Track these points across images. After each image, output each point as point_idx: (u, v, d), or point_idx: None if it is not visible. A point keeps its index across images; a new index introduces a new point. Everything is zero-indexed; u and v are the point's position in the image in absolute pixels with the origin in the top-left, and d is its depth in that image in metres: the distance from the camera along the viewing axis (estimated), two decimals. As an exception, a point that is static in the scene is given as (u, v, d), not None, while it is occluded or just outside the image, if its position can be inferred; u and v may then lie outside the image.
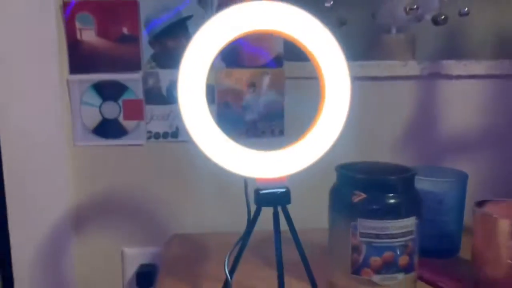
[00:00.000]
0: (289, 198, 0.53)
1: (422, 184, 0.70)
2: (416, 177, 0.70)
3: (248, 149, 0.52)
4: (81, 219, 0.84)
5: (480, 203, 0.65)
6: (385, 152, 0.87)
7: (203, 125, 0.52)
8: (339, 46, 0.52)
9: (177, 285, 0.64)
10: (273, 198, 0.52)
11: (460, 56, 0.89)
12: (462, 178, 0.72)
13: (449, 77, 0.87)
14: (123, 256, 0.85)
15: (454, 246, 0.73)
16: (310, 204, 0.72)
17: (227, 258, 0.53)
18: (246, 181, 0.54)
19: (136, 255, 0.85)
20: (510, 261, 0.60)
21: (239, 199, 0.59)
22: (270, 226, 0.53)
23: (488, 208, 0.63)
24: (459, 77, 0.87)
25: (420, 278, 0.64)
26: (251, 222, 0.54)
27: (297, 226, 0.54)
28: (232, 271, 0.54)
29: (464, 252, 0.71)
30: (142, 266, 0.85)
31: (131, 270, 0.85)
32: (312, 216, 0.71)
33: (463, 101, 0.88)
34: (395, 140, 0.88)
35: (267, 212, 0.54)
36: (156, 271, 0.84)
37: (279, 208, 0.53)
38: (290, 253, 0.55)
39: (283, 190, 0.53)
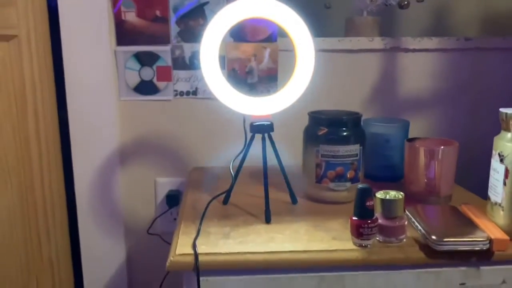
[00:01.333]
0: (272, 128, 0.80)
1: (375, 127, 0.97)
2: (371, 122, 0.97)
3: (247, 96, 0.79)
4: (125, 155, 1.12)
5: (411, 139, 0.91)
6: (353, 107, 1.13)
7: (218, 81, 0.78)
8: (306, 26, 0.78)
9: (196, 201, 0.88)
10: (262, 128, 0.80)
11: (416, 33, 1.14)
12: (405, 124, 0.98)
13: (406, 50, 1.12)
14: (156, 184, 1.13)
15: (398, 173, 0.99)
16: (291, 142, 0.99)
17: (231, 162, 0.80)
18: (244, 117, 0.81)
19: (165, 183, 1.13)
20: (426, 180, 0.87)
21: (241, 141, 0.86)
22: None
23: (415, 143, 0.89)
24: (414, 50, 1.12)
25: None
26: (248, 145, 0.81)
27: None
28: (236, 174, 0.82)
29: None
30: (170, 191, 1.13)
31: (161, 194, 1.14)
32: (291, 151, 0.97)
33: (417, 70, 1.13)
34: (362, 98, 1.13)
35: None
36: (180, 195, 1.13)
37: (266, 135, 0.81)
38: (274, 178, 0.82)
39: (269, 123, 0.80)
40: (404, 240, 0.70)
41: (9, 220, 0.97)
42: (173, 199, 1.12)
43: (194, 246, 0.67)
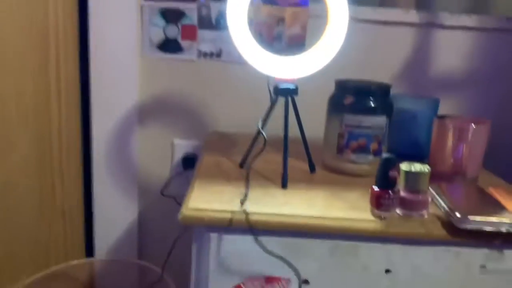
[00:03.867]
0: (297, 91, 0.77)
1: (403, 103, 0.93)
2: (400, 97, 0.93)
3: (273, 55, 0.76)
4: (144, 113, 1.10)
5: (441, 116, 0.87)
6: (381, 80, 1.09)
7: (245, 40, 0.75)
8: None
9: (212, 162, 0.86)
10: (287, 90, 0.77)
11: (455, 9, 1.08)
12: (435, 101, 0.94)
13: (443, 26, 1.06)
14: (173, 145, 1.12)
15: (423, 152, 0.95)
16: (314, 112, 0.96)
17: (260, 120, 0.77)
18: (269, 79, 0.78)
19: (182, 145, 1.12)
20: (453, 160, 0.83)
21: (263, 108, 0.83)
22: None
23: (445, 120, 0.85)
24: (451, 27, 1.06)
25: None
26: (271, 106, 0.79)
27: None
28: (256, 137, 0.80)
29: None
30: (187, 154, 1.12)
31: (178, 156, 1.12)
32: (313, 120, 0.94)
33: (452, 48, 1.08)
34: (392, 73, 1.09)
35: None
36: (197, 158, 1.11)
37: (290, 99, 0.78)
38: (293, 148, 0.79)
39: (294, 86, 0.77)
40: (425, 216, 0.66)
41: (25, 167, 0.98)
42: (189, 161, 1.11)
43: (242, 203, 0.66)
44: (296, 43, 1.07)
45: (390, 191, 0.63)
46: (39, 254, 1.03)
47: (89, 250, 1.14)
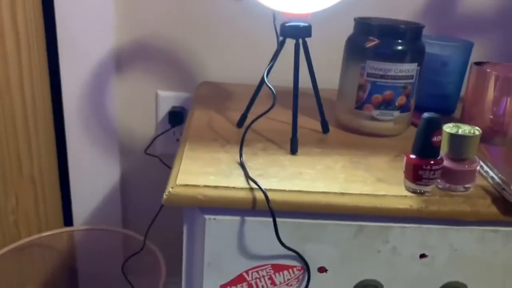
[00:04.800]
0: (310, 32, 0.61)
1: (431, 47, 0.77)
2: (426, 40, 0.77)
3: (279, -15, 0.59)
4: (122, 61, 0.93)
5: (479, 63, 0.73)
6: (405, 18, 0.93)
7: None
8: None
9: (203, 120, 0.71)
10: (296, 31, 0.61)
11: None
12: (468, 46, 0.79)
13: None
14: (157, 98, 0.96)
15: (451, 106, 0.81)
16: (328, 58, 0.81)
17: (265, 71, 0.60)
18: (274, 14, 0.62)
19: (168, 98, 0.96)
20: (492, 116, 0.69)
21: (263, 54, 0.67)
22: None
23: (485, 67, 0.71)
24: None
25: (414, 125, 0.75)
26: (277, 51, 0.63)
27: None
28: (257, 91, 0.65)
29: (459, 114, 0.80)
30: (174, 107, 0.97)
31: (164, 110, 0.97)
32: (327, 69, 0.79)
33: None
34: (416, 9, 0.92)
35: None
36: (185, 112, 0.96)
37: (301, 42, 0.62)
38: (303, 102, 0.64)
39: (306, 24, 0.61)
40: (471, 189, 0.54)
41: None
42: (176, 116, 0.95)
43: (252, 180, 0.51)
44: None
45: (432, 161, 0.50)
46: (4, 228, 0.90)
47: (68, 219, 1.01)
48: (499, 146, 0.68)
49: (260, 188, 0.50)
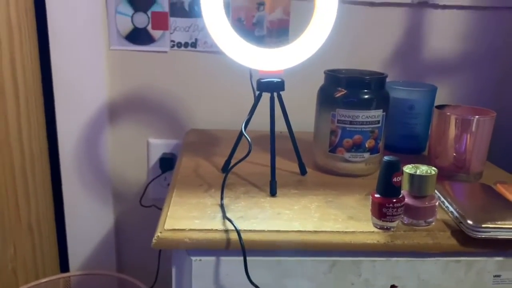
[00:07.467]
0: (283, 86, 0.68)
1: (398, 92, 0.85)
2: (394, 86, 0.85)
3: (255, 46, 0.67)
4: (115, 112, 1.00)
5: (441, 106, 0.80)
6: (373, 69, 1.01)
7: (221, 28, 0.65)
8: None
9: (191, 167, 0.77)
10: (271, 86, 0.68)
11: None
12: (432, 90, 0.86)
13: (436, 6, 0.98)
14: (148, 145, 1.02)
15: (420, 145, 0.88)
16: (302, 106, 0.88)
17: (243, 123, 0.67)
18: (251, 72, 0.69)
19: (159, 145, 1.02)
20: (455, 154, 0.76)
21: (246, 103, 0.73)
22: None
23: (446, 110, 0.78)
24: (445, 6, 0.98)
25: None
26: (254, 104, 0.70)
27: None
28: (239, 138, 0.72)
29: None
30: (164, 154, 1.02)
31: (155, 156, 1.03)
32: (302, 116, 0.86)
33: (446, 29, 1.00)
34: (383, 59, 1.01)
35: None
36: (175, 158, 1.02)
37: (275, 95, 0.69)
38: (281, 146, 0.71)
39: (279, 80, 0.68)
40: (433, 223, 0.59)
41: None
42: (167, 162, 1.01)
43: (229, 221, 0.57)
44: (279, 30, 0.98)
45: (394, 199, 0.56)
46: (3, 275, 0.93)
47: (65, 265, 1.05)
48: (462, 182, 0.74)
49: (235, 228, 0.55)
